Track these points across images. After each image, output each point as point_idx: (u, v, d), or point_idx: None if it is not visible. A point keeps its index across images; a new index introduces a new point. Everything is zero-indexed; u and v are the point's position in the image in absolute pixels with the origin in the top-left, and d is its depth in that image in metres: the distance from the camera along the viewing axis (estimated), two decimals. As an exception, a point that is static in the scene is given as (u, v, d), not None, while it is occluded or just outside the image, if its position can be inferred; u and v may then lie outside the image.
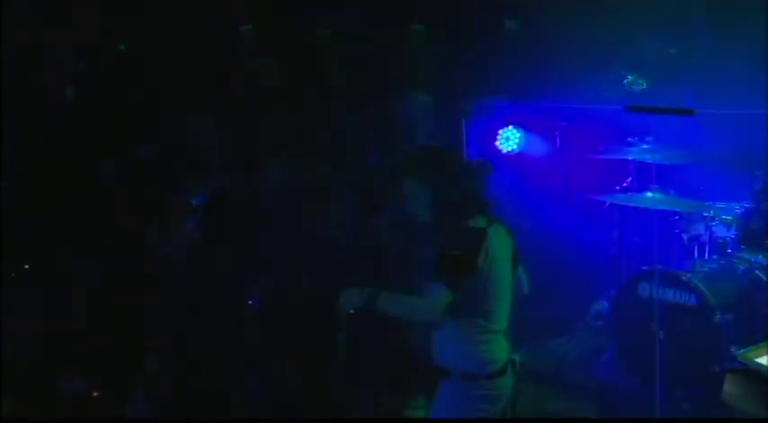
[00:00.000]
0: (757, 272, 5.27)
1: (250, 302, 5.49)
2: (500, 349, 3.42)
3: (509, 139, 7.32)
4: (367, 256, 5.02)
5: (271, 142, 6.36)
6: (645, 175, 5.47)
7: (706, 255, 5.53)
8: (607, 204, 5.97)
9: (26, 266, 6.23)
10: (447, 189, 3.29)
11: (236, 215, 4.99)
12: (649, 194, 5.37)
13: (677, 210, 5.58)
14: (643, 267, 5.56)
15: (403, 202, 3.38)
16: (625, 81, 5.73)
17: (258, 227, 5.11)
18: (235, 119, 6.15)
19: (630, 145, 5.60)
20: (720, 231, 5.52)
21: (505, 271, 3.43)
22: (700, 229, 5.56)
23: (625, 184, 5.87)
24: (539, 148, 7.14)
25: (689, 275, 5.19)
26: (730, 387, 3.34)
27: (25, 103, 6.08)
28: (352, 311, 3.46)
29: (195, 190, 5.09)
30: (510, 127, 7.32)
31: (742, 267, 5.34)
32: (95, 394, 4.95)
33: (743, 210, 5.45)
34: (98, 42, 7.24)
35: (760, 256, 5.32)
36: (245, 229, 5.02)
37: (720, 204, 5.52)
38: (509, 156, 7.29)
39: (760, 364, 3.30)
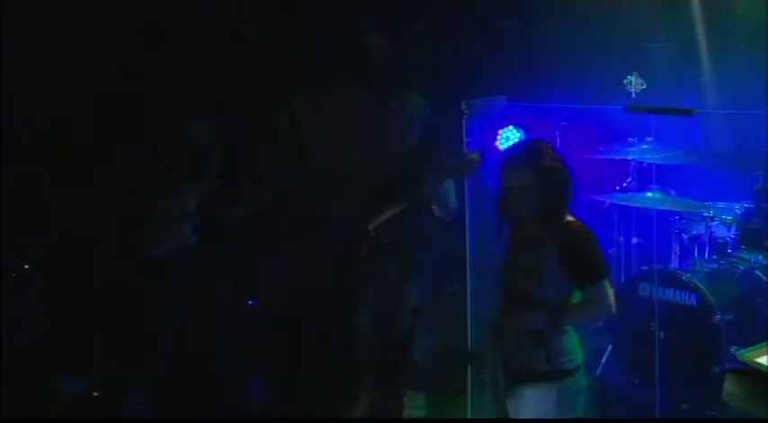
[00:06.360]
0: (757, 272, 5.27)
1: (250, 303, 5.48)
2: None
3: (509, 139, 7.29)
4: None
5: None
6: (645, 175, 5.46)
7: (706, 255, 5.52)
8: (607, 204, 5.96)
9: (26, 266, 6.23)
10: (563, 183, 3.19)
11: (230, 218, 4.99)
12: (649, 194, 5.37)
13: (677, 210, 5.58)
14: (643, 267, 5.55)
15: (507, 195, 3.23)
16: (625, 81, 5.71)
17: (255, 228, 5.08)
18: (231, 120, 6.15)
19: (630, 145, 5.60)
20: (720, 231, 5.51)
21: None
22: (700, 229, 5.55)
23: (625, 184, 5.86)
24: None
25: (689, 275, 5.18)
26: (730, 387, 3.33)
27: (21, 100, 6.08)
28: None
29: (192, 193, 5.09)
30: (510, 127, 7.29)
31: (742, 267, 5.34)
32: (96, 394, 4.94)
33: (743, 210, 5.45)
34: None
35: (760, 256, 5.32)
36: (241, 231, 5.00)
37: (720, 204, 5.51)
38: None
39: (760, 364, 3.29)
